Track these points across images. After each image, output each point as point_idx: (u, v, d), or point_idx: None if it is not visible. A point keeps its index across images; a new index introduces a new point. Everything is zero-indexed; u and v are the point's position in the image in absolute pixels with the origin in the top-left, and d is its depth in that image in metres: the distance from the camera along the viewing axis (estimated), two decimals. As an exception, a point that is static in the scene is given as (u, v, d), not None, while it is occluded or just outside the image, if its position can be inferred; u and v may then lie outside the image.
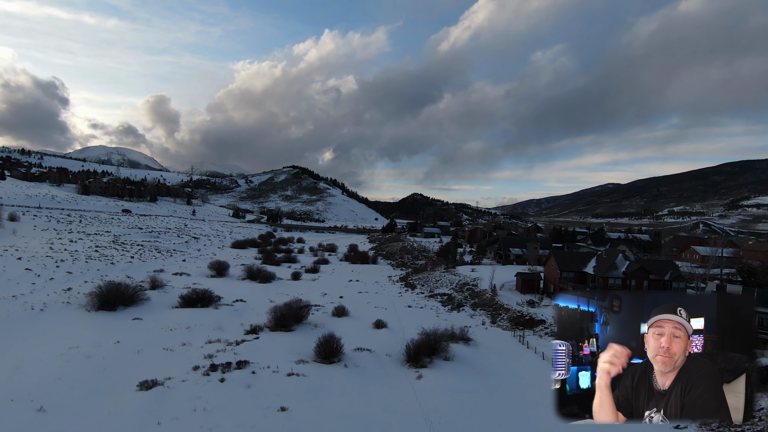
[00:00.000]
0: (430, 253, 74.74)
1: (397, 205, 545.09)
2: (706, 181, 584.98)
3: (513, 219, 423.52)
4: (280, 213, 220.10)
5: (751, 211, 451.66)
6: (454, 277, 48.91)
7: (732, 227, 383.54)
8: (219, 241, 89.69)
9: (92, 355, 22.33)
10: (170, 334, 27.20)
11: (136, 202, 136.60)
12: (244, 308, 35.15)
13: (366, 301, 39.70)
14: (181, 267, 54.04)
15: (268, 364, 21.49)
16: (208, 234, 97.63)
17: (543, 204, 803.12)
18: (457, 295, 41.76)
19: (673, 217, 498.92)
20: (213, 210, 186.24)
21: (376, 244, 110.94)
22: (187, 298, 35.55)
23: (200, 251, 73.22)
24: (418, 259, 72.76)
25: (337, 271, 61.28)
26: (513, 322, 32.79)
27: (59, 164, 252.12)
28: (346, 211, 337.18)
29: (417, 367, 23.01)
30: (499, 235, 73.56)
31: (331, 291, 43.90)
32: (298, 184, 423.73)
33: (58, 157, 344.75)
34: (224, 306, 35.19)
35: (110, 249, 58.78)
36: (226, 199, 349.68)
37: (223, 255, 71.61)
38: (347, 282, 50.74)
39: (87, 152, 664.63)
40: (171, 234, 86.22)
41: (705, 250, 61.41)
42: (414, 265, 66.72)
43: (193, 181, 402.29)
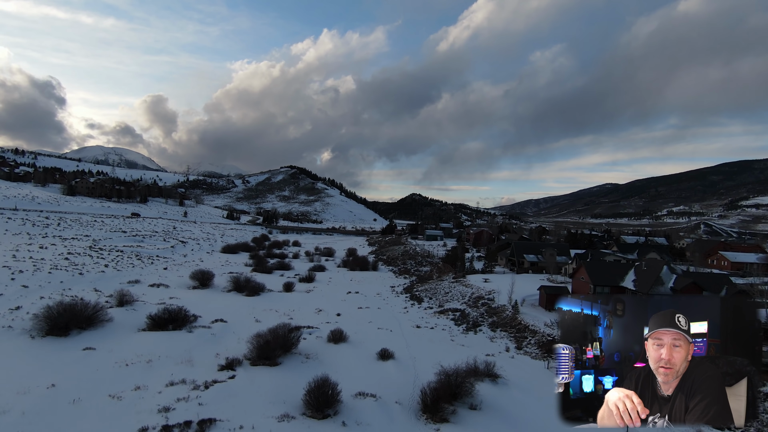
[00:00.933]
0: (434, 259, 69.50)
1: (395, 205, 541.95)
2: (704, 181, 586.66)
3: (512, 219, 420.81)
4: (277, 214, 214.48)
5: (750, 211, 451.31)
6: (466, 288, 43.68)
7: (732, 228, 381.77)
8: (209, 245, 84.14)
9: (9, 409, 16.96)
10: (125, 371, 21.82)
11: (124, 203, 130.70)
12: (224, 331, 29.78)
13: (367, 319, 34.41)
14: (160, 277, 48.60)
15: (241, 423, 16.20)
16: (198, 237, 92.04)
17: (541, 204, 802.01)
18: (471, 312, 36.53)
19: (673, 217, 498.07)
20: (207, 211, 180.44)
21: (375, 248, 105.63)
22: (157, 318, 30.14)
23: (186, 257, 67.72)
24: (422, 265, 67.51)
25: (335, 279, 55.92)
26: (542, 348, 27.58)
27: (54, 164, 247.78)
28: (345, 211, 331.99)
29: (436, 421, 17.77)
30: (509, 239, 68.36)
31: (328, 306, 38.58)
32: (296, 184, 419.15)
33: (53, 157, 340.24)
34: (200, 328, 29.82)
35: (83, 256, 53.26)
36: (223, 200, 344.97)
37: (211, 261, 66.19)
38: (345, 294, 45.43)
39: (84, 152, 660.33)
40: (157, 238, 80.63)
41: (735, 256, 56.37)
42: (418, 273, 61.46)
43: (190, 182, 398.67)
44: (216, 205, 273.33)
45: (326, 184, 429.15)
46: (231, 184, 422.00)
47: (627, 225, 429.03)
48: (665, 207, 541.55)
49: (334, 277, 58.21)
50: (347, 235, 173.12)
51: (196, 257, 68.90)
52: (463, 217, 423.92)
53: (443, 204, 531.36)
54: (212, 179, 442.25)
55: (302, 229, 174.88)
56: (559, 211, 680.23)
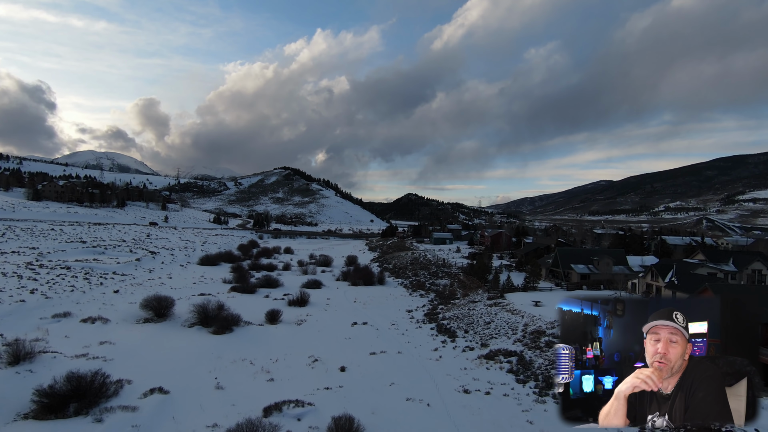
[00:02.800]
0: (452, 269, 58.21)
1: (391, 205, 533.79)
2: (699, 176, 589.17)
3: (510, 218, 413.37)
4: (269, 217, 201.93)
5: (748, 205, 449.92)
6: (513, 316, 32.38)
7: (732, 222, 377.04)
8: (185, 256, 72.06)
9: None
10: None
11: (97, 209, 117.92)
12: (159, 418, 18.19)
13: (387, 378, 22.96)
14: (103, 306, 36.74)
15: None
16: (174, 246, 79.87)
17: (537, 202, 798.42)
18: (534, 357, 25.28)
19: (671, 213, 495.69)
20: (192, 215, 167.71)
21: (378, 254, 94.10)
22: (54, 394, 18.62)
23: (153, 272, 55.81)
24: (439, 276, 56.17)
25: (334, 301, 44.35)
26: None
27: (40, 169, 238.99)
28: (340, 212, 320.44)
29: None
30: (541, 244, 56.75)
31: (326, 352, 27.11)
32: (290, 185, 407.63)
33: (39, 162, 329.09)
34: (120, 412, 18.20)
35: (10, 277, 41.29)
36: (214, 203, 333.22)
37: (182, 277, 54.40)
38: (350, 327, 33.93)
39: (76, 157, 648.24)
40: (122, 248, 68.54)
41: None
42: (435, 288, 50.12)
43: (181, 185, 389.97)
44: (206, 208, 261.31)
45: (321, 185, 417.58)
46: (223, 187, 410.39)
47: (625, 222, 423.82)
48: (661, 203, 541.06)
49: (333, 296, 46.66)
50: (344, 238, 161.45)
51: (165, 272, 57.00)
52: (461, 216, 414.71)
53: (440, 204, 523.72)
54: (203, 182, 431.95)
55: (296, 233, 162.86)
56: (555, 209, 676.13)
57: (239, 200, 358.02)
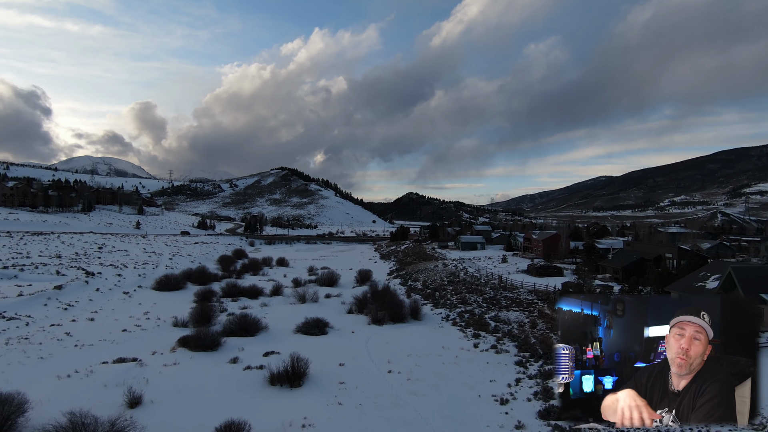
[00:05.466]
0: (520, 293, 39.49)
1: (392, 205, 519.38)
2: (702, 170, 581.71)
3: (515, 216, 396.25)
4: (263, 220, 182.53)
5: (756, 198, 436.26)
6: None
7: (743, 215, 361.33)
8: (138, 276, 52.83)
9: None
10: None
11: (53, 214, 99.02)
12: None
13: None
14: None
15: None
16: (129, 262, 60.75)
17: (537, 199, 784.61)
18: None
19: (677, 207, 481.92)
20: (174, 219, 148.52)
21: (394, 264, 75.15)
22: None
23: (70, 309, 36.78)
24: (503, 306, 37.27)
25: (352, 369, 25.01)
26: None
27: (28, 174, 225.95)
28: (341, 213, 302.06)
29: None
30: (664, 254, 37.53)
31: None
32: (287, 186, 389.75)
33: (28, 167, 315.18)
34: None
35: None
36: (208, 206, 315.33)
37: (114, 316, 35.47)
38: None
39: (72, 163, 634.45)
40: (48, 268, 49.57)
41: None
42: (508, 329, 31.31)
43: (174, 187, 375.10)
44: (199, 211, 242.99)
45: (320, 185, 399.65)
46: (218, 189, 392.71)
47: (632, 217, 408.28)
48: (666, 197, 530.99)
49: (349, 353, 27.46)
50: (348, 242, 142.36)
51: (91, 307, 37.90)
52: (465, 215, 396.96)
53: (442, 202, 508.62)
54: (197, 184, 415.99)
55: (292, 238, 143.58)
56: (557, 206, 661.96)
57: (234, 202, 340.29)
